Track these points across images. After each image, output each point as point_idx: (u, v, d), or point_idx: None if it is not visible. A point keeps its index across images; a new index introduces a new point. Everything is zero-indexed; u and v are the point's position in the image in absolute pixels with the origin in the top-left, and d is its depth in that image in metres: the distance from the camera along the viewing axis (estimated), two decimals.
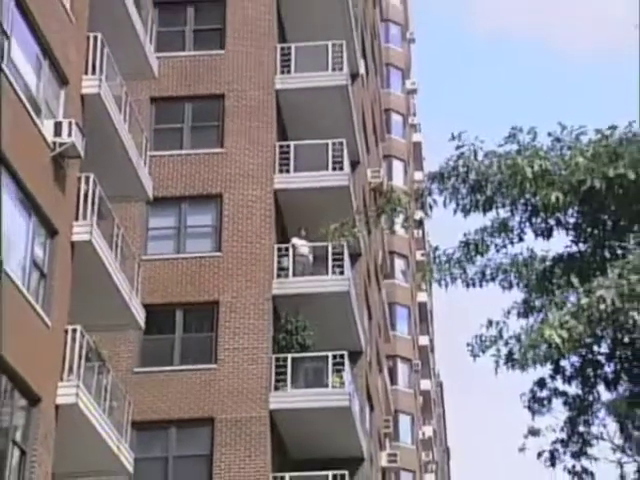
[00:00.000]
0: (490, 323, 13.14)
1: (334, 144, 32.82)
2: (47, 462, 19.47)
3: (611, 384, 13.47)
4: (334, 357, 30.45)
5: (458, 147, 13.72)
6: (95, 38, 22.49)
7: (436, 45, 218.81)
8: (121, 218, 24.25)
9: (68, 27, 21.40)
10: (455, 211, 13.78)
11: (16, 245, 18.99)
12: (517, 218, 13.88)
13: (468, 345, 13.23)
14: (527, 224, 13.90)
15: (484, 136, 13.94)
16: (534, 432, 14.05)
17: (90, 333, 21.32)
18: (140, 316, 24.22)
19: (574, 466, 14.00)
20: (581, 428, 13.82)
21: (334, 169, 32.57)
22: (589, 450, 13.94)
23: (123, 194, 24.61)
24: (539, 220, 13.83)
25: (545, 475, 14.37)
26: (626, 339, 12.49)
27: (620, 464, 16.64)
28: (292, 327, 30.83)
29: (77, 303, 21.05)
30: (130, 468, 23.26)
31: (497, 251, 14.07)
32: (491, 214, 13.86)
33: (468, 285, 14.06)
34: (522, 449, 14.00)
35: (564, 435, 13.87)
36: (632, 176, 12.84)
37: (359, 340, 34.01)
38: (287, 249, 31.45)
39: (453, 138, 13.75)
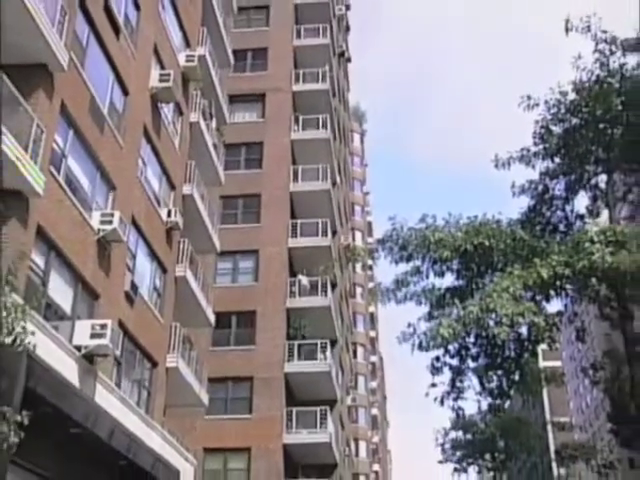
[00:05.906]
0: (409, 325, 13.10)
1: (322, 221, 32.91)
2: (161, 399, 19.55)
3: (475, 358, 13.45)
4: (321, 343, 30.52)
5: (392, 224, 13.83)
6: (190, 164, 22.60)
7: (381, 167, 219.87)
8: (202, 263, 24.33)
9: (176, 157, 21.61)
10: (390, 261, 13.83)
11: (146, 279, 19.11)
12: (425, 266, 13.86)
13: (397, 338, 13.11)
14: (431, 269, 13.84)
15: (408, 217, 14.24)
16: (434, 385, 14.03)
17: (184, 328, 21.27)
18: (212, 319, 24.06)
19: (454, 405, 13.95)
20: (458, 384, 13.72)
21: (322, 236, 32.62)
22: (462, 395, 13.83)
23: (203, 249, 24.43)
24: (437, 267, 13.79)
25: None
26: (484, 334, 12.50)
27: (479, 402, 16.75)
28: (297, 326, 30.92)
29: (177, 310, 21.05)
30: (206, 402, 23.22)
31: (414, 285, 14.04)
32: (411, 263, 13.88)
33: (397, 303, 14.00)
34: (427, 394, 13.81)
35: (449, 388, 13.80)
36: (487, 243, 13.11)
37: (336, 333, 33.93)
38: (295, 281, 31.51)
39: (389, 219, 13.93)
